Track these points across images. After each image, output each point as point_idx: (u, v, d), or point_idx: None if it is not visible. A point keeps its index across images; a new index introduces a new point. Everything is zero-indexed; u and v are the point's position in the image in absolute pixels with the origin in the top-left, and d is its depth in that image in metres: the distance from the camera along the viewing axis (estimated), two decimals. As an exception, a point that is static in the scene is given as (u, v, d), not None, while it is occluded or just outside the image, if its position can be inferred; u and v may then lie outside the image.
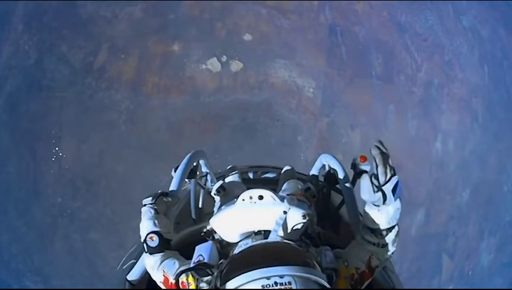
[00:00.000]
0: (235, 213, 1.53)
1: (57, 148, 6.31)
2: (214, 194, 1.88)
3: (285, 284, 1.01)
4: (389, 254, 1.46)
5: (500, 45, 7.81)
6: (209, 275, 1.26)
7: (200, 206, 2.36)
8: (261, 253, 1.19)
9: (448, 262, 7.24)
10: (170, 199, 1.74)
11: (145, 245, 1.51)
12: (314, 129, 6.93)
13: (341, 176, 2.02)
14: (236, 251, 1.43)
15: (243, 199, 1.54)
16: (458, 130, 7.48)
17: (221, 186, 1.86)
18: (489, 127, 7.53)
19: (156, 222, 1.56)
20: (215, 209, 1.83)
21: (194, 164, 2.12)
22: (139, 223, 1.59)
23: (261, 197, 1.52)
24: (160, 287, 1.49)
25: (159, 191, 1.72)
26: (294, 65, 6.95)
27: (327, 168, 2.20)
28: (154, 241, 1.50)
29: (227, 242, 1.53)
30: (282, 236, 1.40)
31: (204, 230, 1.64)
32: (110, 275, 4.73)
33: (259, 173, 3.11)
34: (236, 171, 2.22)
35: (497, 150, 7.51)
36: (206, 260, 1.31)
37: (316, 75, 7.01)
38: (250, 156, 6.33)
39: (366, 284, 1.41)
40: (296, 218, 1.43)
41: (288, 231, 1.42)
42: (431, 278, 7.16)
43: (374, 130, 6.98)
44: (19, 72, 6.43)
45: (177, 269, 1.41)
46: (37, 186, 6.30)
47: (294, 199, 1.50)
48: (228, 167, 2.34)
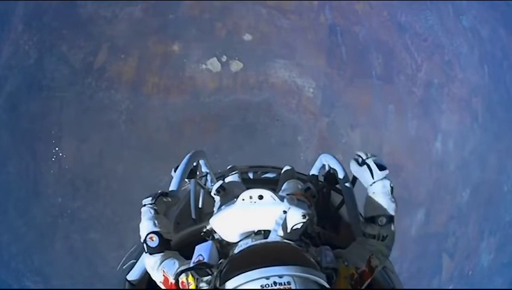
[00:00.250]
0: (235, 213, 1.53)
1: (57, 148, 6.32)
2: (214, 194, 1.88)
3: (285, 284, 1.01)
4: (387, 251, 1.48)
5: (500, 45, 7.80)
6: (208, 274, 1.26)
7: (200, 206, 2.35)
8: (261, 253, 1.19)
9: (448, 262, 7.24)
10: (170, 199, 1.74)
11: (145, 245, 1.51)
12: (314, 129, 6.93)
13: (341, 176, 2.02)
14: (236, 250, 1.42)
15: (243, 199, 1.54)
16: (458, 130, 7.47)
17: (221, 186, 1.86)
18: (489, 127, 7.52)
19: (156, 222, 1.56)
20: (215, 209, 1.83)
21: (194, 164, 2.12)
22: (139, 223, 1.59)
23: (261, 197, 1.52)
24: (160, 287, 1.49)
25: (159, 191, 1.72)
26: (294, 65, 6.95)
27: (327, 168, 2.21)
28: (154, 241, 1.50)
29: (227, 242, 1.53)
30: (282, 236, 1.41)
31: (204, 230, 1.64)
32: (110, 275, 4.72)
33: (259, 173, 3.11)
34: (236, 171, 2.22)
35: (497, 150, 7.50)
36: (205, 260, 1.31)
37: (316, 75, 7.01)
38: (250, 156, 6.33)
39: (366, 284, 1.41)
40: (296, 218, 1.43)
41: (288, 230, 1.42)
42: (431, 278, 7.16)
43: (374, 130, 6.98)
44: (19, 72, 6.43)
45: (177, 269, 1.41)
46: (37, 186, 6.30)
47: (294, 199, 1.50)
48: (228, 167, 2.34)
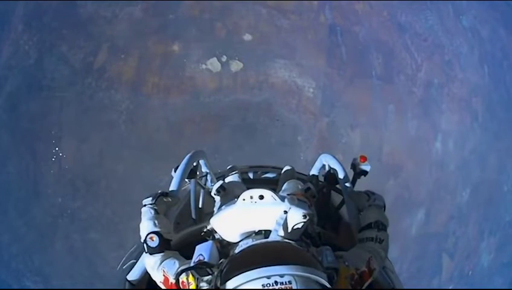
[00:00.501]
0: (236, 213, 1.53)
1: (57, 148, 6.32)
2: (214, 194, 1.87)
3: (286, 284, 1.01)
4: (384, 254, 1.53)
5: (500, 45, 7.79)
6: (209, 274, 1.26)
7: (200, 206, 2.35)
8: (262, 252, 1.19)
9: (448, 262, 7.24)
10: (170, 199, 1.75)
11: (145, 245, 1.51)
12: (314, 129, 6.93)
13: (341, 176, 2.02)
14: (236, 250, 1.42)
15: (244, 199, 1.54)
16: (458, 130, 7.47)
17: (221, 186, 1.86)
18: (489, 127, 7.52)
19: (156, 222, 1.56)
20: (215, 209, 1.82)
21: (194, 164, 2.11)
22: (139, 223, 1.59)
23: (261, 197, 1.52)
24: (160, 287, 1.49)
25: (159, 191, 1.72)
26: (294, 65, 6.95)
27: (327, 168, 2.21)
28: (154, 241, 1.50)
29: (227, 242, 1.53)
30: (282, 236, 1.40)
31: (205, 230, 1.63)
32: (110, 275, 4.72)
33: (259, 173, 3.11)
34: (236, 171, 2.22)
35: (497, 149, 7.50)
36: (206, 260, 1.31)
37: (316, 75, 7.01)
38: (250, 156, 6.33)
39: (366, 285, 1.41)
40: (296, 218, 1.43)
41: (289, 230, 1.42)
42: (431, 278, 7.16)
43: (374, 130, 6.98)
44: (19, 72, 6.43)
45: (178, 269, 1.41)
46: (37, 186, 6.30)
47: (295, 199, 1.50)
48: (228, 167, 2.35)
